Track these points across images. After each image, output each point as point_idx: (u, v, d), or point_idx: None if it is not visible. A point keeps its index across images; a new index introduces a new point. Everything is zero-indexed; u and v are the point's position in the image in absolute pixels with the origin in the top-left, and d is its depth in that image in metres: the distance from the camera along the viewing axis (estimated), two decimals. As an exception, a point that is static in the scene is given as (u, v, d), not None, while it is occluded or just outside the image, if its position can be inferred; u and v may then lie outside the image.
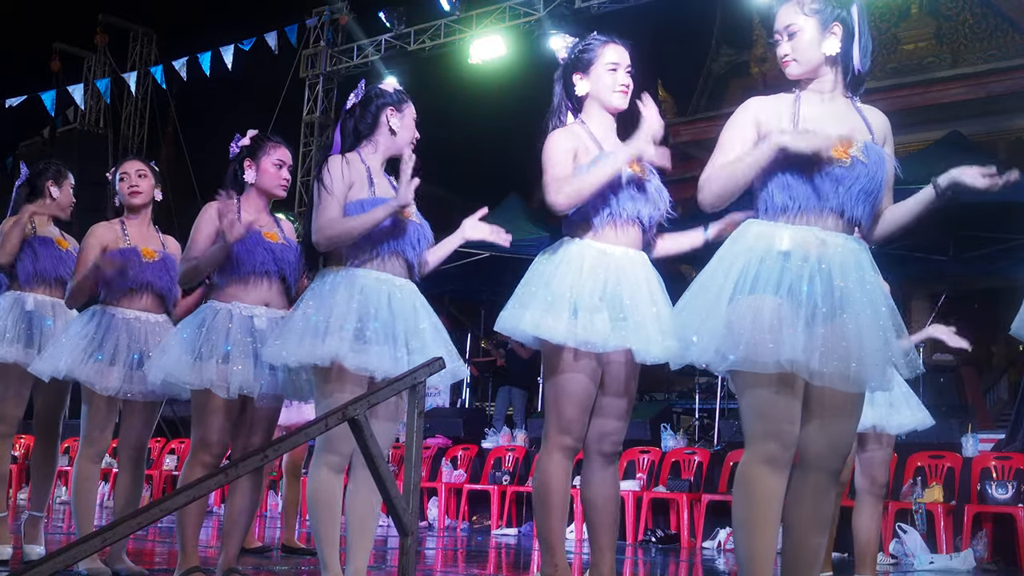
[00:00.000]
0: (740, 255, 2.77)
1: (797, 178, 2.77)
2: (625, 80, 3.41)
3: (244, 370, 3.62)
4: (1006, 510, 6.70)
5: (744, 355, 2.66)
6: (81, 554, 2.16)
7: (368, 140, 3.53)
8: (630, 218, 3.30)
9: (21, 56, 17.44)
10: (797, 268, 2.71)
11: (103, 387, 4.10)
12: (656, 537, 7.83)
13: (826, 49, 2.82)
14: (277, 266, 3.77)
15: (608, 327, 3.19)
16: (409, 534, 2.90)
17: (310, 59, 16.89)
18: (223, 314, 3.70)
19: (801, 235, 2.75)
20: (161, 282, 4.28)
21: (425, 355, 3.22)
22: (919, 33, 16.23)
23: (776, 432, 2.72)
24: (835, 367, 2.66)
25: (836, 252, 2.74)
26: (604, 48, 3.41)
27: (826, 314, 2.68)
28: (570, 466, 3.32)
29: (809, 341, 2.65)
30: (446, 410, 11.12)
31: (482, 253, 12.00)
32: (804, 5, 2.83)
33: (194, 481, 2.50)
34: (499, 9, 14.68)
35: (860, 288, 2.72)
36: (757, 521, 2.71)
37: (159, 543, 6.24)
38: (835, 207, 2.76)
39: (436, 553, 6.84)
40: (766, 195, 2.81)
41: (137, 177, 4.38)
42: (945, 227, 9.70)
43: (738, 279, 2.73)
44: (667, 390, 14.26)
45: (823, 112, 2.84)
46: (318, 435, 2.86)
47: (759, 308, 2.67)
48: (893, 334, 2.74)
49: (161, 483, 10.46)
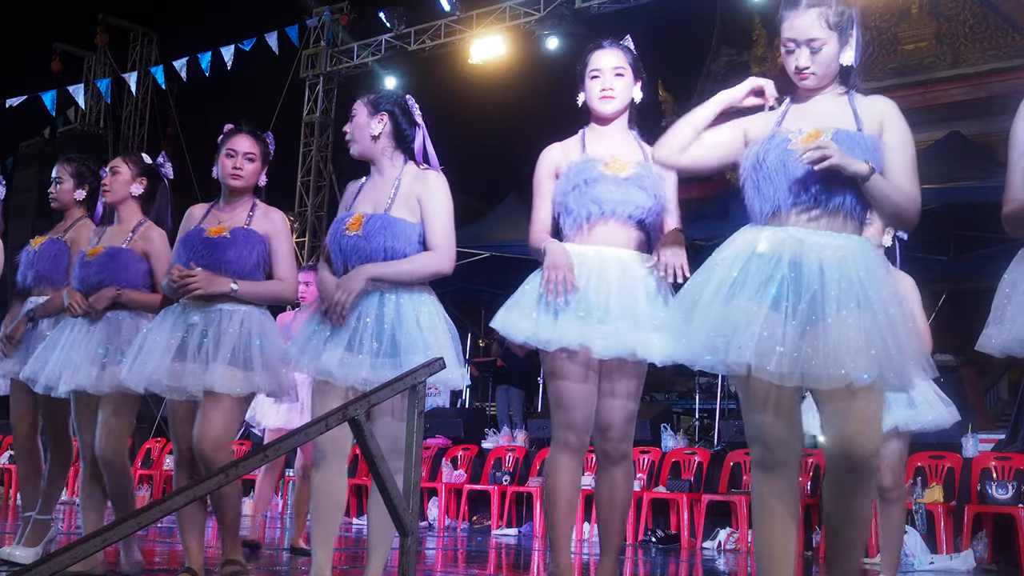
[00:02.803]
0: (723, 260, 2.80)
1: (765, 179, 2.79)
2: (607, 85, 3.40)
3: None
4: (1006, 510, 6.70)
5: (717, 359, 2.70)
6: (81, 554, 2.16)
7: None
8: (597, 218, 3.31)
9: (21, 56, 17.43)
10: (770, 270, 2.72)
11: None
12: (656, 537, 7.83)
13: (844, 60, 2.82)
14: (207, 260, 3.76)
15: (573, 326, 3.20)
16: (409, 534, 2.91)
17: (310, 59, 16.87)
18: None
19: (778, 236, 2.76)
20: (96, 278, 4.16)
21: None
22: (919, 33, 16.22)
23: (759, 435, 2.77)
24: (805, 367, 2.64)
25: (814, 251, 2.71)
26: (590, 56, 3.45)
27: (797, 315, 2.66)
28: (574, 464, 3.32)
29: (769, 343, 2.64)
30: (446, 410, 11.12)
31: (482, 253, 12.02)
32: (827, 17, 2.77)
33: (194, 481, 2.50)
34: (499, 9, 14.67)
35: (842, 286, 2.67)
36: (757, 523, 2.80)
37: (159, 543, 6.24)
38: (807, 202, 2.75)
39: (436, 553, 6.84)
40: (748, 201, 2.85)
41: (110, 175, 4.34)
42: (945, 227, 9.71)
43: (719, 283, 2.75)
44: (667, 390, 14.26)
45: (806, 109, 2.86)
46: (318, 435, 2.86)
47: (730, 312, 2.69)
48: (890, 331, 2.66)
49: (161, 483, 10.47)
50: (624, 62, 3.42)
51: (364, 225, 3.38)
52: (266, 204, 3.99)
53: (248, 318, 3.76)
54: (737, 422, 8.64)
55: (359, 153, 3.53)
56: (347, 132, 3.54)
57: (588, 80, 3.42)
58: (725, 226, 10.39)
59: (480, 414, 11.52)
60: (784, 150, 2.77)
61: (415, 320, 3.34)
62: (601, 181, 3.32)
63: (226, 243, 3.78)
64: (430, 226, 3.40)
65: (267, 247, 3.85)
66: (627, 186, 3.32)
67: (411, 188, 3.44)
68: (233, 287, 3.74)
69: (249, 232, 3.82)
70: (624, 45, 3.48)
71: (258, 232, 3.84)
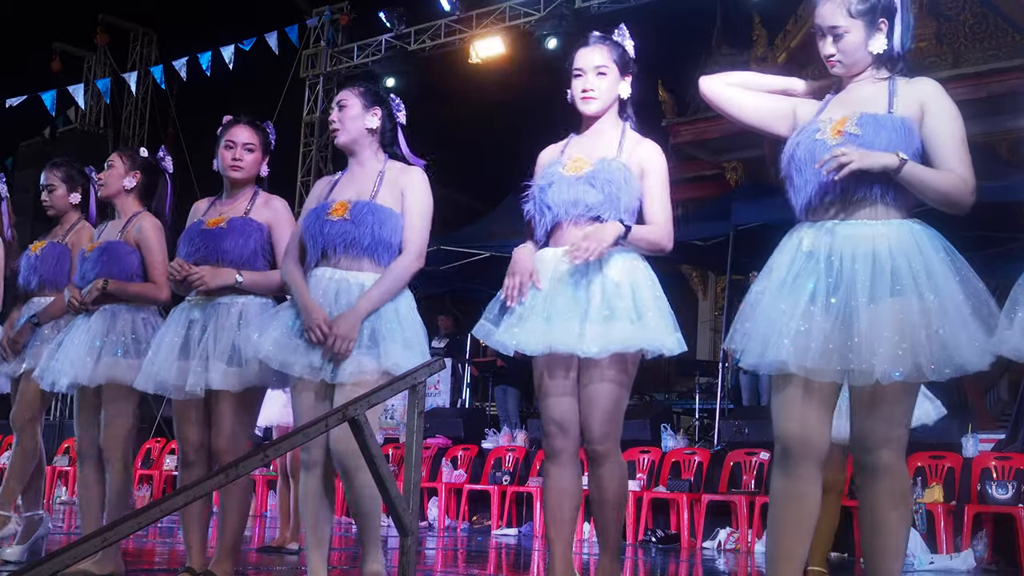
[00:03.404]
0: (779, 264, 2.78)
1: (797, 172, 2.79)
2: (587, 85, 3.34)
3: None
4: (1006, 510, 6.70)
5: (754, 358, 2.70)
6: (81, 554, 2.16)
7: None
8: (552, 221, 3.29)
9: (21, 56, 17.41)
10: (809, 267, 2.70)
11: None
12: (656, 537, 7.82)
13: (873, 48, 2.77)
14: (204, 252, 3.76)
15: (527, 330, 3.19)
16: (409, 534, 2.90)
17: (310, 59, 16.87)
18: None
19: (817, 232, 2.74)
20: (92, 274, 4.16)
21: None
22: (919, 33, 16.18)
23: (779, 434, 2.73)
24: (838, 362, 2.61)
25: (846, 243, 2.68)
26: (575, 53, 3.39)
27: (831, 309, 2.64)
28: (559, 471, 3.29)
29: (805, 339, 2.62)
30: (446, 410, 11.11)
31: (482, 253, 12.02)
32: (849, 5, 2.74)
33: (194, 481, 2.50)
34: (499, 9, 14.67)
35: (873, 278, 2.63)
36: (769, 519, 2.77)
37: (159, 543, 6.24)
38: (836, 193, 2.72)
39: (436, 553, 6.84)
40: (788, 196, 2.84)
41: (106, 169, 4.35)
42: (945, 227, 9.68)
43: (778, 285, 2.73)
44: (667, 390, 14.25)
45: (843, 98, 2.83)
46: (318, 435, 2.86)
47: (774, 312, 2.69)
48: (935, 317, 2.57)
49: (161, 483, 10.47)
50: (608, 59, 3.33)
51: (351, 210, 3.38)
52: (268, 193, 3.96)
53: (247, 310, 3.73)
54: (737, 422, 8.63)
55: (346, 142, 3.51)
56: (334, 121, 3.52)
57: (572, 78, 3.37)
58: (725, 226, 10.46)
59: (480, 414, 11.51)
60: (813, 140, 2.76)
61: (394, 311, 3.36)
62: (554, 184, 3.29)
63: (223, 233, 3.77)
64: (408, 221, 3.41)
65: (267, 235, 3.83)
66: (578, 185, 3.26)
67: (396, 180, 3.44)
68: (238, 279, 3.73)
69: (247, 221, 3.80)
70: (612, 40, 3.38)
71: (257, 220, 3.82)
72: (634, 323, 3.14)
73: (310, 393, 3.37)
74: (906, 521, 2.70)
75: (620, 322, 3.13)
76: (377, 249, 3.37)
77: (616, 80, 3.36)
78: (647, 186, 3.30)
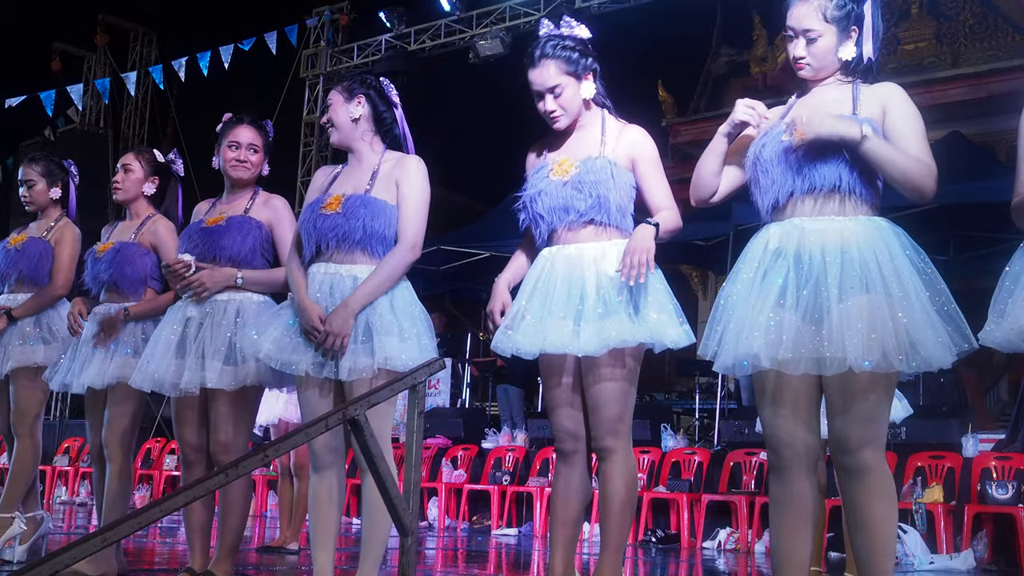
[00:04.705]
0: (746, 264, 2.81)
1: (763, 172, 2.81)
2: (547, 107, 3.28)
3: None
4: (1006, 510, 6.70)
5: (729, 359, 2.73)
6: (81, 554, 2.16)
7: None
8: (547, 229, 3.29)
9: (21, 56, 17.43)
10: (777, 263, 2.73)
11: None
12: (656, 537, 7.82)
13: (844, 55, 2.80)
14: (202, 249, 3.76)
15: (523, 332, 3.20)
16: (409, 534, 2.90)
17: (310, 59, 16.87)
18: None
19: (784, 229, 2.78)
20: (106, 275, 4.16)
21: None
22: (919, 33, 16.23)
23: (767, 438, 2.78)
24: (807, 353, 2.62)
25: (815, 237, 2.71)
26: (528, 76, 3.32)
27: (800, 303, 2.66)
28: (567, 471, 3.30)
29: (775, 333, 2.64)
30: (446, 410, 11.12)
31: (482, 253, 12.03)
32: (825, 10, 2.76)
33: (194, 481, 2.50)
34: (499, 9, 14.67)
35: (844, 271, 2.65)
36: (771, 522, 2.80)
37: (159, 543, 6.24)
38: (804, 189, 2.75)
39: (436, 553, 6.84)
40: (752, 198, 2.87)
41: (122, 172, 4.33)
42: (945, 227, 9.70)
43: (745, 286, 2.77)
44: (667, 390, 14.26)
45: (808, 101, 2.87)
46: (318, 435, 2.85)
47: (744, 310, 2.72)
48: (901, 309, 2.59)
49: (161, 483, 10.47)
50: (559, 75, 3.25)
51: (344, 204, 3.36)
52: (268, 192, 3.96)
53: (244, 308, 3.73)
54: (737, 422, 8.64)
55: (339, 140, 3.50)
56: (326, 122, 3.52)
57: (534, 98, 3.33)
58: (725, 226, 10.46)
59: (480, 414, 11.52)
60: (779, 142, 2.78)
61: (388, 304, 3.33)
62: (544, 192, 3.27)
63: (221, 230, 3.77)
64: (403, 212, 3.38)
65: (266, 233, 3.83)
66: (565, 191, 3.23)
67: (391, 172, 3.42)
68: (238, 279, 3.73)
69: (245, 219, 3.81)
70: (555, 51, 3.28)
71: (256, 219, 3.82)
72: (632, 317, 3.13)
73: (315, 390, 3.37)
74: (893, 518, 2.69)
75: (616, 317, 3.11)
76: (370, 242, 3.35)
77: (575, 89, 3.29)
78: (641, 173, 3.27)
